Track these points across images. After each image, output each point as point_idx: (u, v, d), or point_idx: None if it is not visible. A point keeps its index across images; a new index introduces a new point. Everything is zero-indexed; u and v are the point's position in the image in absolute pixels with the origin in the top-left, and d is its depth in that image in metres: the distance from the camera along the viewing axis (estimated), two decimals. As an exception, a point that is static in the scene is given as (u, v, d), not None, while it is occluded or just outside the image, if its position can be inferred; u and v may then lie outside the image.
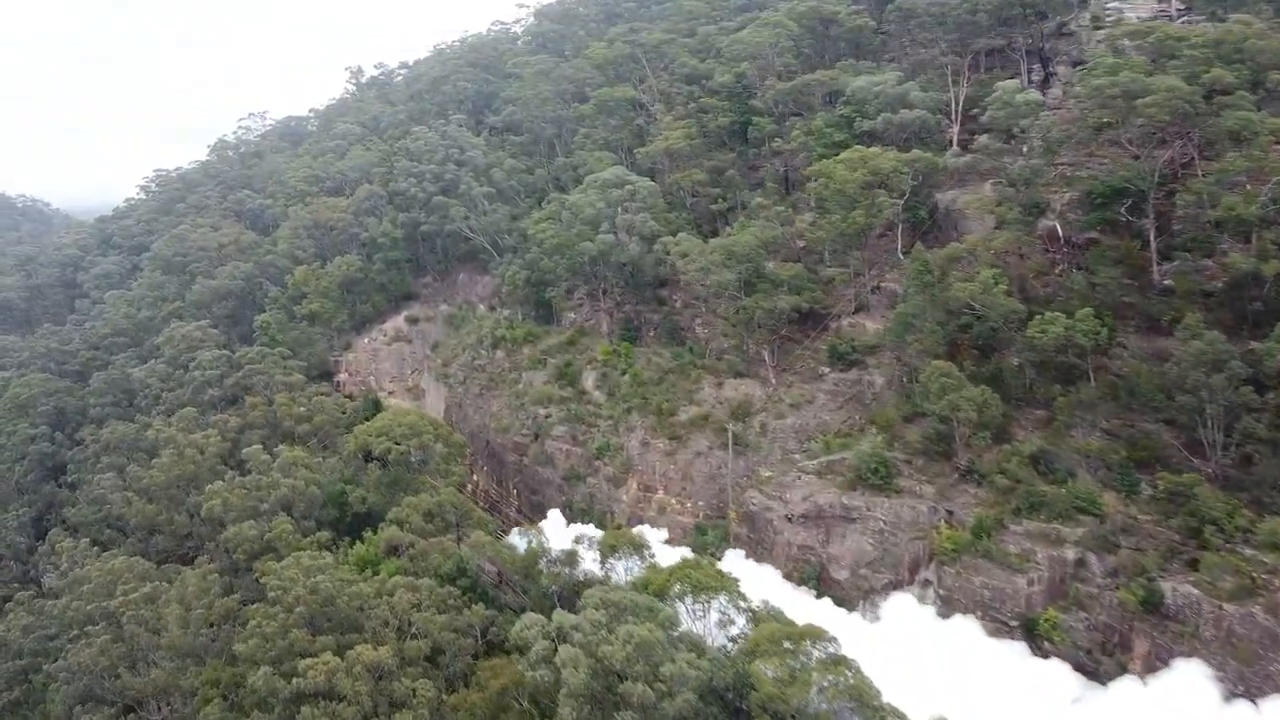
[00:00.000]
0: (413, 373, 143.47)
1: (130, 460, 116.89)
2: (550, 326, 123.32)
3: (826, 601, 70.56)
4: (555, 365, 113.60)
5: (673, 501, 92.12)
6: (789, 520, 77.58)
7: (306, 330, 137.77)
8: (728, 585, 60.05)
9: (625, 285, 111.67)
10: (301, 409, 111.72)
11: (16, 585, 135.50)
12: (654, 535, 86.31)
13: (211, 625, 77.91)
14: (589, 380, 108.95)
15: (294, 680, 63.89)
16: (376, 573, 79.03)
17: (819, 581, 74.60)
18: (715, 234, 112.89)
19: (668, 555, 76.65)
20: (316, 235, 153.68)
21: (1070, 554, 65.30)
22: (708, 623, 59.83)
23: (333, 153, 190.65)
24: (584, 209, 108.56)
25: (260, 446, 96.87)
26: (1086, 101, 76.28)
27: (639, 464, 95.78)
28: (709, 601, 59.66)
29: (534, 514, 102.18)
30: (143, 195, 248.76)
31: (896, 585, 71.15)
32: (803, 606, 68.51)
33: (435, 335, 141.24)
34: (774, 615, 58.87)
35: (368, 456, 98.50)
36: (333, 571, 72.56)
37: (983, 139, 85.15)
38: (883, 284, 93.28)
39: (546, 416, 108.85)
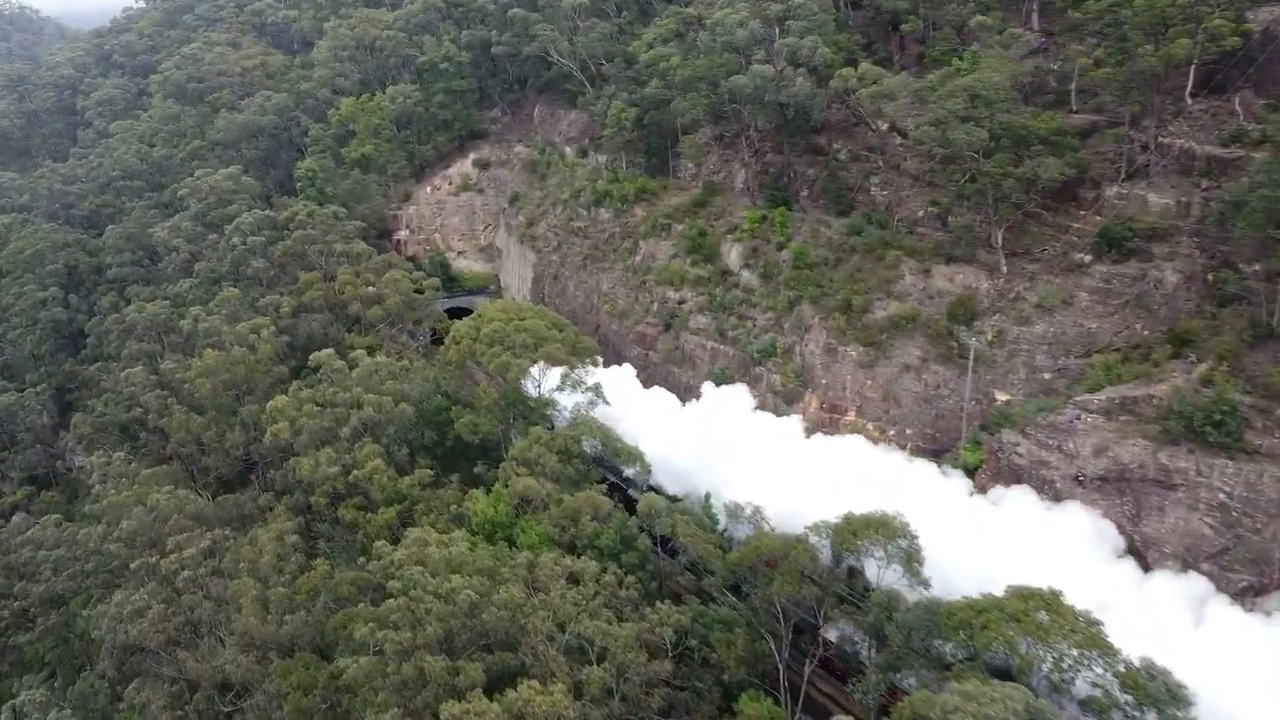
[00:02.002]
0: (486, 229, 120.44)
1: (164, 346, 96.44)
2: (666, 180, 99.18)
3: (1221, 601, 49.05)
4: (683, 234, 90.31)
5: (870, 428, 71.13)
6: (1079, 482, 56.66)
7: (359, 179, 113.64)
8: (1094, 638, 39.76)
9: (777, 131, 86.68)
10: (370, 288, 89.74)
11: (43, 470, 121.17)
12: (880, 454, 65.57)
13: (294, 611, 58.99)
14: (732, 256, 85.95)
15: (436, 735, 45.34)
16: (510, 540, 59.48)
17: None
18: (888, 61, 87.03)
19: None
20: (360, 58, 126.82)
21: None
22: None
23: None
24: (732, 30, 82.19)
25: (332, 351, 75.51)
26: None
27: (821, 375, 74.28)
28: (1066, 665, 39.63)
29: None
30: (142, 3, 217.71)
31: (1261, 590, 50.86)
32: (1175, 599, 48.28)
33: (512, 184, 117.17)
34: (1169, 686, 38.93)
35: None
36: (469, 565, 52.54)
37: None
38: (1164, 139, 68.43)
39: (680, 302, 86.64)
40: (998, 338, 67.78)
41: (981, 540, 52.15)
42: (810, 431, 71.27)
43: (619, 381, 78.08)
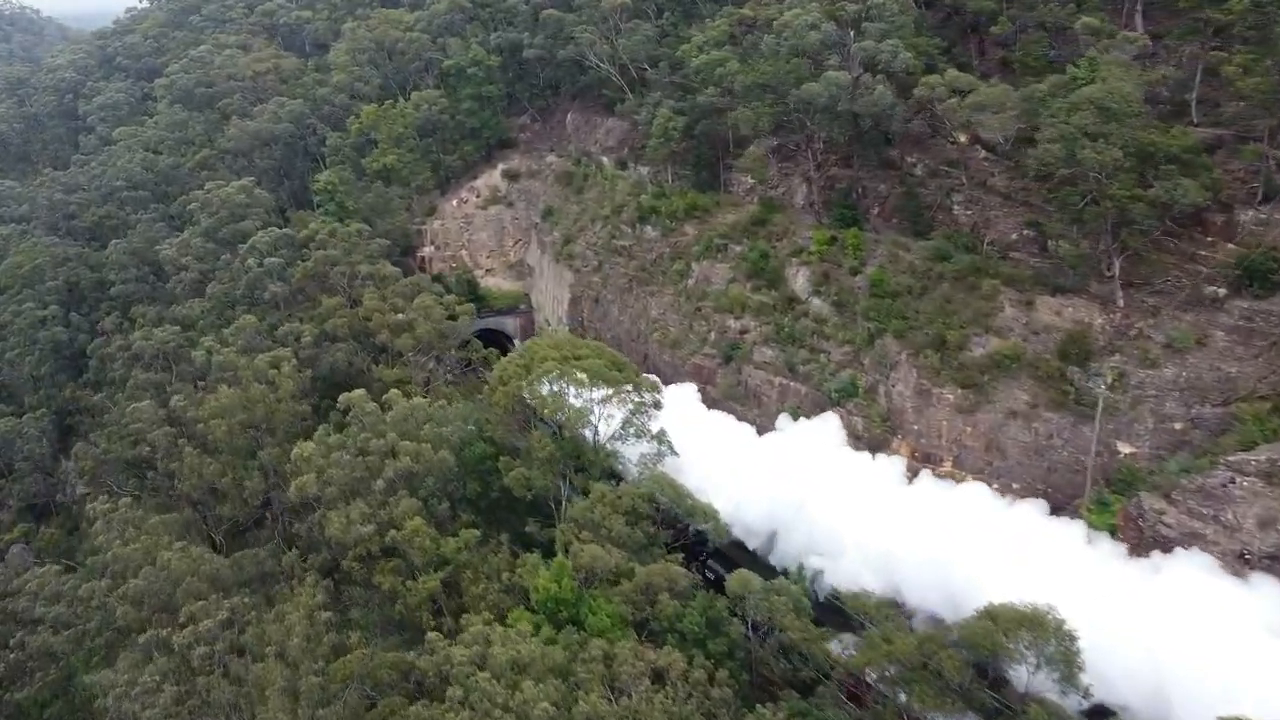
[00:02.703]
0: (516, 244, 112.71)
1: (173, 375, 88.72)
2: (718, 195, 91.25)
3: None
4: (742, 255, 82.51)
5: (970, 480, 63.27)
6: (1244, 561, 48.84)
7: (381, 192, 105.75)
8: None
9: (845, 143, 78.85)
10: (399, 315, 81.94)
11: (43, 499, 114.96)
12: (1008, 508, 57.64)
13: (327, 704, 51.13)
14: (799, 281, 78.09)
15: None
16: (578, 622, 51.59)
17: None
18: (967, 66, 79.10)
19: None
20: (379, 61, 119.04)
21: None
22: None
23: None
24: (802, 33, 74.38)
25: (364, 393, 67.59)
26: None
27: (912, 420, 66.41)
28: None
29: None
30: (146, 4, 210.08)
31: None
32: None
33: (544, 197, 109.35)
34: None
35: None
36: (538, 662, 44.67)
37: None
38: (1305, 157, 60.64)
39: (742, 332, 78.83)
40: (1119, 381, 59.87)
41: (1146, 619, 44.33)
42: (912, 476, 63.49)
43: (680, 403, 70.81)
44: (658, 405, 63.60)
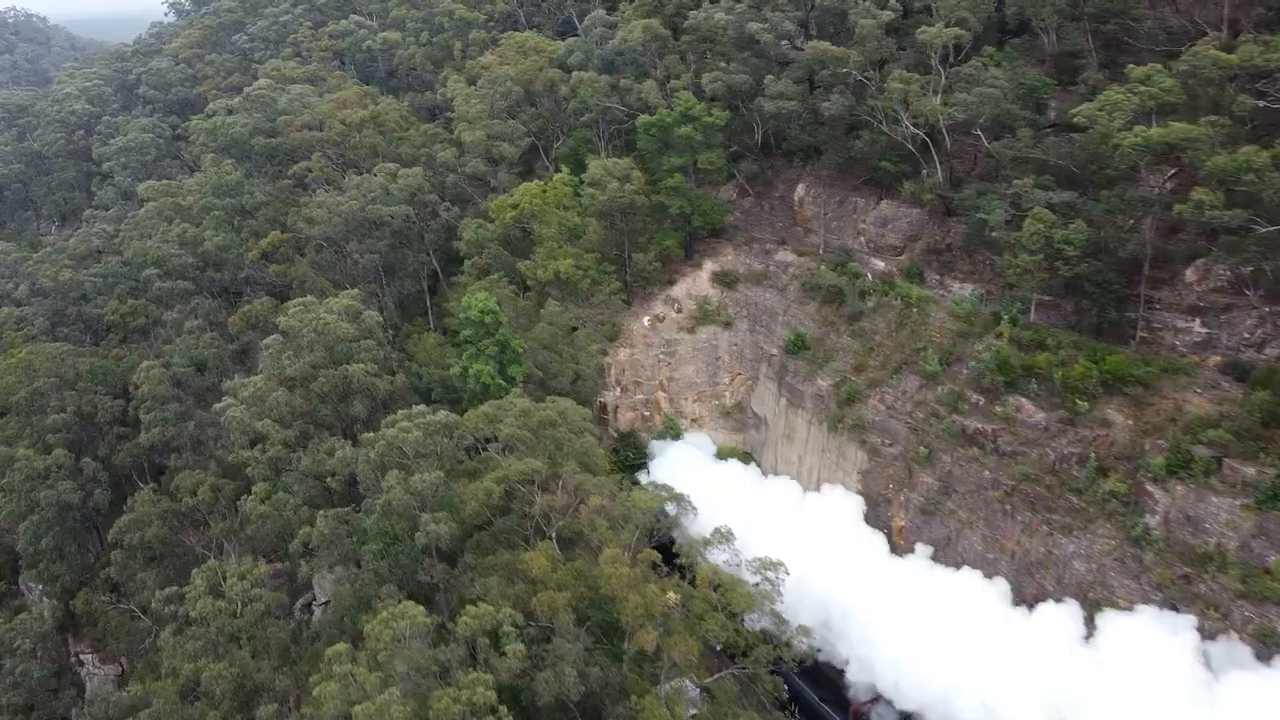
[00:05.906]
0: (734, 379, 77.15)
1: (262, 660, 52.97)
2: (1139, 349, 55.60)
3: None
4: (1260, 486, 46.84)
5: None
6: None
7: (554, 318, 69.92)
8: None
9: None
10: (668, 595, 46.26)
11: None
12: None
13: None
14: None
15: None
16: None
17: None
18: None
19: None
20: (519, 111, 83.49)
21: None
22: None
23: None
24: None
25: None
26: None
27: None
28: None
29: None
30: (173, 16, 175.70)
31: None
32: None
33: (784, 316, 73.76)
34: None
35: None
36: None
37: None
38: None
39: (1322, 652, 43.21)
40: None
41: None
42: None
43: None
44: None
